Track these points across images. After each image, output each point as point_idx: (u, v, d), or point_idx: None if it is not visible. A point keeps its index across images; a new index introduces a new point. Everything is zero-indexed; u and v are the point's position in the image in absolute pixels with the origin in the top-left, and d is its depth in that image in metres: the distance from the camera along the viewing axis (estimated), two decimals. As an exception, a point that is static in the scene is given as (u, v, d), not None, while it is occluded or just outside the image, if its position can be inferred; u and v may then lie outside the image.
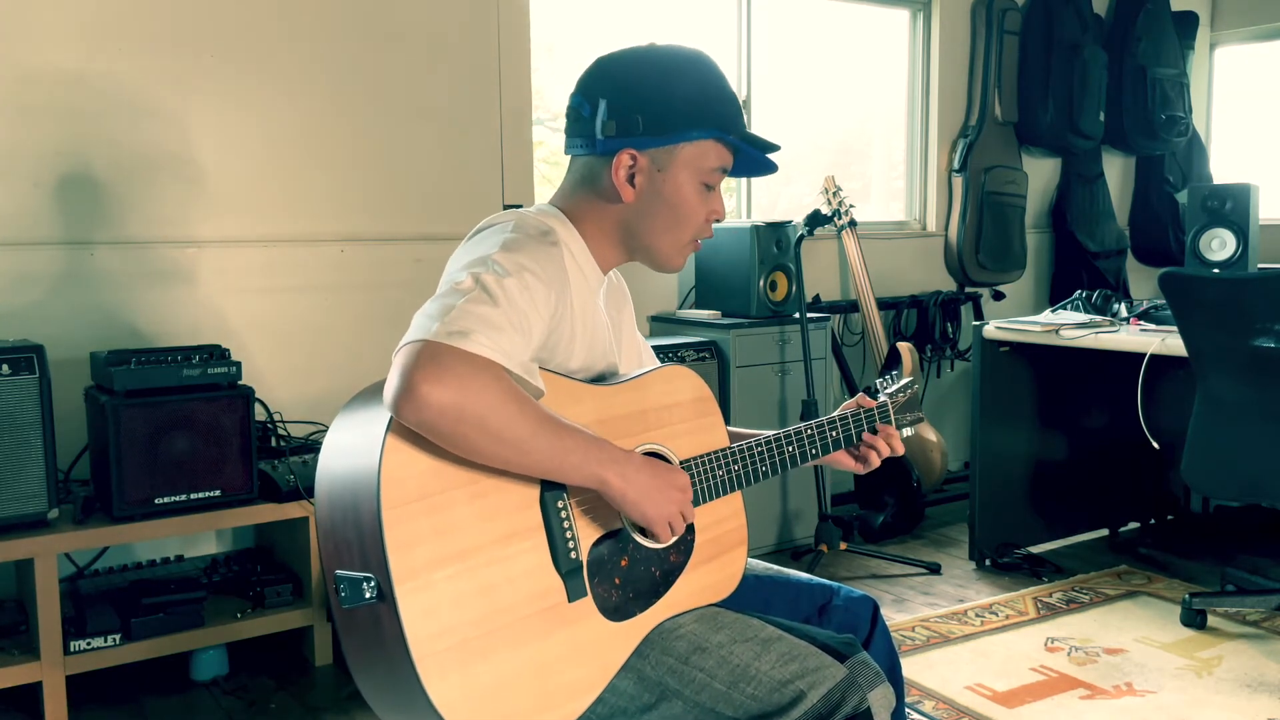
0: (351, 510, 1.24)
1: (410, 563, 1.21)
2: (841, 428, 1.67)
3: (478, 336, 1.23)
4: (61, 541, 2.60)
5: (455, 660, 1.23)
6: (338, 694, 2.79)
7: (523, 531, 1.32)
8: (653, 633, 1.44)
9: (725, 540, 1.56)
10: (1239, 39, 5.77)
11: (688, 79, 1.48)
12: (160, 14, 3.09)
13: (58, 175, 2.97)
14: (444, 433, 1.22)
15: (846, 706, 1.37)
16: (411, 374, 1.19)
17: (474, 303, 1.26)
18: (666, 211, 1.49)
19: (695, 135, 1.46)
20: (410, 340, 1.23)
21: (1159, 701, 2.67)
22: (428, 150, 3.55)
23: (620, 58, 1.50)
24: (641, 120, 1.44)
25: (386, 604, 1.20)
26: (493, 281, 1.28)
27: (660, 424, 1.50)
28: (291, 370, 3.32)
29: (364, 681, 1.31)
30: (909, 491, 4.09)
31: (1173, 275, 2.95)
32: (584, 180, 1.52)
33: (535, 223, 1.44)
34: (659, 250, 1.53)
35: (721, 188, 1.56)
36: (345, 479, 1.26)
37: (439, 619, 1.22)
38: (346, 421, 1.32)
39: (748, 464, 1.56)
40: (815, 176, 4.71)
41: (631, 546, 1.43)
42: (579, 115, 1.50)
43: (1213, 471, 3.02)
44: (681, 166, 1.47)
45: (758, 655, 1.40)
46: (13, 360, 2.53)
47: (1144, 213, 5.57)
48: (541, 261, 1.36)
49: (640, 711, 1.41)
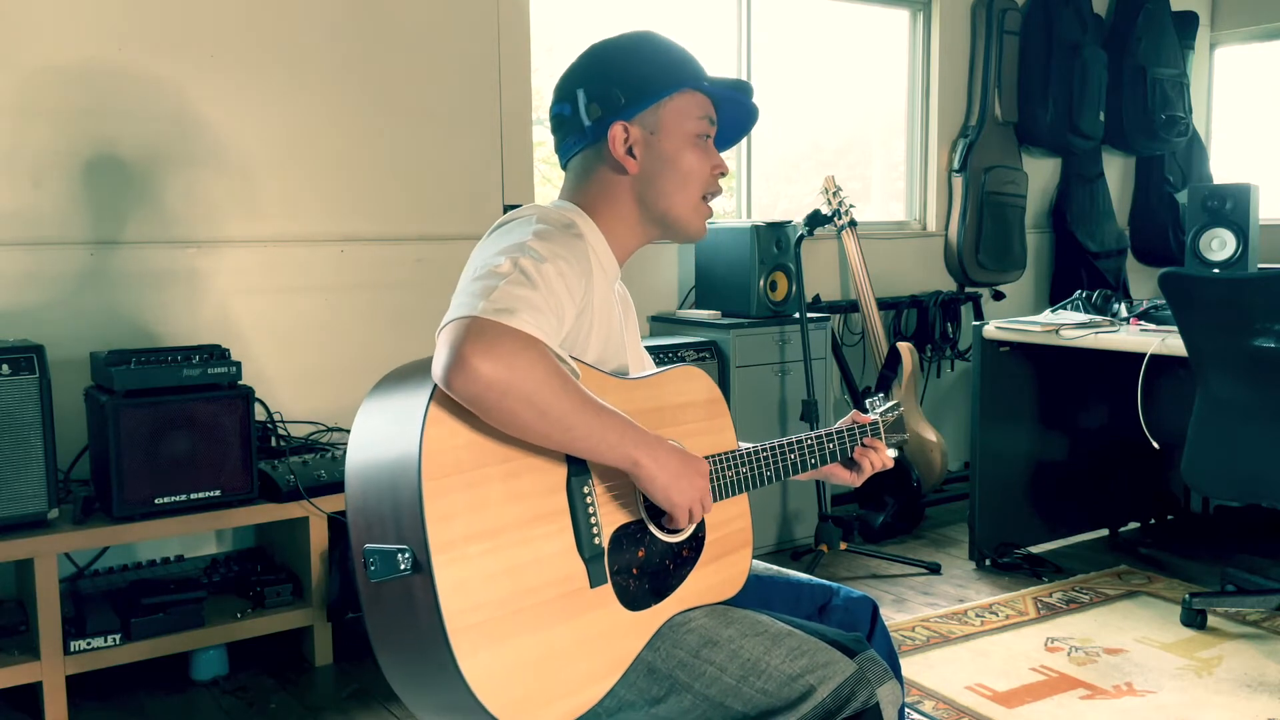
0: (388, 483, 1.25)
1: (448, 535, 1.22)
2: (838, 440, 1.71)
3: (523, 315, 1.25)
4: (61, 541, 2.60)
5: (485, 636, 1.24)
6: (338, 694, 2.79)
7: (549, 515, 1.33)
8: (664, 626, 1.45)
9: (731, 541, 1.58)
10: (1239, 39, 5.77)
11: (648, 48, 1.57)
12: (161, 15, 3.09)
13: (58, 175, 2.97)
14: (490, 406, 1.23)
15: (855, 702, 1.38)
16: (462, 347, 1.21)
17: (514, 284, 1.28)
18: (671, 172, 1.54)
19: (673, 88, 1.53)
20: (457, 316, 1.25)
21: (1159, 701, 2.67)
22: (428, 150, 3.55)
23: (580, 58, 1.59)
24: (620, 93, 1.51)
25: (422, 575, 1.21)
26: (530, 266, 1.31)
27: (674, 422, 1.52)
28: (291, 370, 3.32)
29: (389, 658, 1.31)
30: (909, 491, 4.09)
31: (1173, 275, 2.95)
32: (585, 172, 1.56)
33: (558, 216, 1.48)
34: (676, 213, 1.57)
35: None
36: (382, 453, 1.27)
37: (471, 594, 1.23)
38: (378, 401, 1.34)
39: (755, 467, 1.58)
40: (815, 176, 4.71)
41: (648, 538, 1.45)
42: (563, 119, 1.57)
43: (1213, 471, 3.02)
44: (671, 124, 1.53)
45: (768, 650, 1.41)
46: (13, 360, 2.53)
47: (1144, 213, 5.57)
48: (571, 251, 1.40)
49: (649, 704, 1.41)
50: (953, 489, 4.46)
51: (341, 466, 2.92)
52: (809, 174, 4.78)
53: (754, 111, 1.63)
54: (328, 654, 2.96)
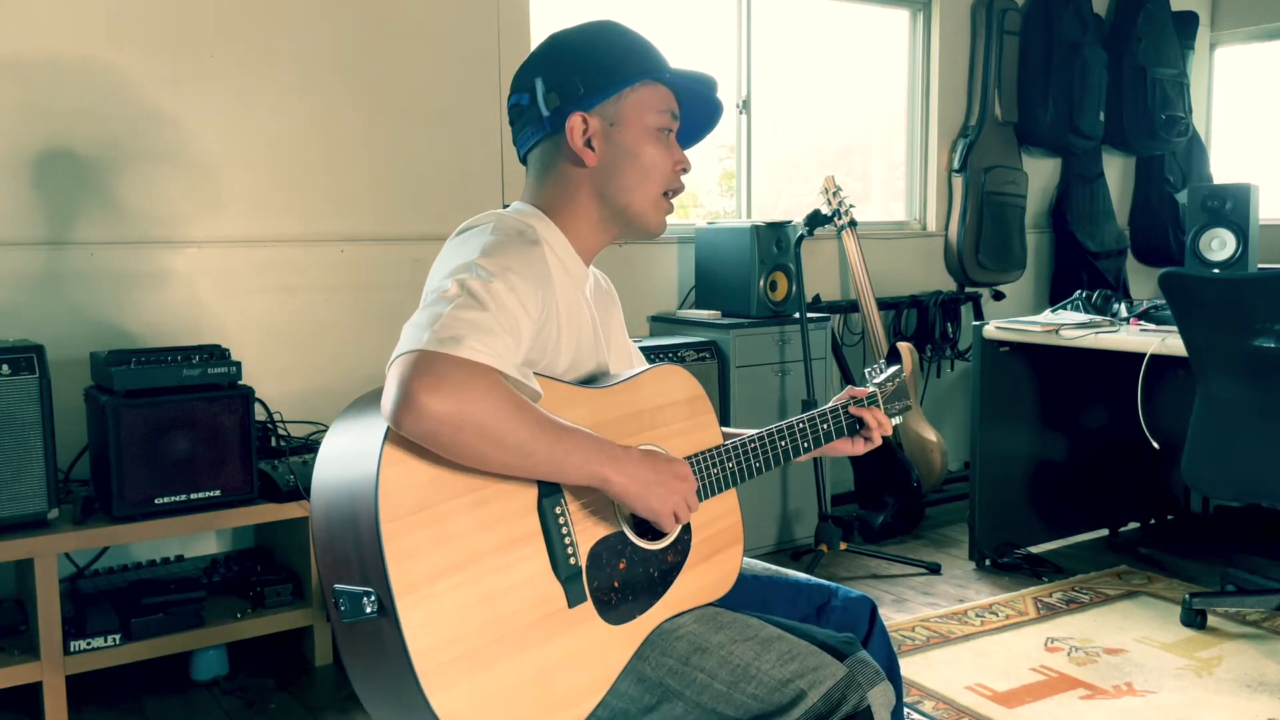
0: (350, 524, 1.22)
1: (411, 576, 1.20)
2: (834, 419, 1.68)
3: (470, 342, 1.22)
4: (61, 541, 2.59)
5: (458, 671, 1.22)
6: (338, 694, 2.79)
7: (522, 538, 1.31)
8: (653, 634, 1.44)
9: (721, 539, 1.56)
10: (1239, 39, 5.77)
11: (610, 37, 1.52)
12: (161, 14, 3.09)
13: (58, 175, 2.97)
14: (445, 442, 1.21)
15: (847, 705, 1.37)
16: (409, 384, 1.18)
17: (462, 309, 1.25)
18: (631, 165, 1.49)
19: (634, 79, 1.48)
20: (403, 351, 1.22)
21: (1159, 701, 2.67)
22: (428, 150, 3.55)
23: (540, 47, 1.54)
24: (580, 82, 1.47)
25: (388, 618, 1.19)
26: (479, 286, 1.28)
27: (655, 424, 1.50)
28: (291, 370, 3.32)
29: (366, 695, 1.30)
30: (909, 491, 4.09)
31: (1173, 275, 2.95)
32: (544, 167, 1.53)
33: (513, 223, 1.44)
34: (635, 209, 1.52)
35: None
36: (343, 492, 1.24)
37: (441, 631, 1.21)
38: (342, 432, 1.31)
39: (742, 461, 1.56)
40: (815, 176, 4.71)
41: (629, 549, 1.43)
42: (520, 109, 1.53)
43: (1213, 471, 3.02)
44: (631, 116, 1.49)
45: (758, 655, 1.40)
46: (13, 360, 2.53)
47: (1144, 213, 5.57)
48: (525, 261, 1.36)
49: (641, 713, 1.40)
50: (953, 489, 4.45)
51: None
52: (809, 174, 4.78)
53: (718, 107, 1.59)
54: (328, 654, 2.96)
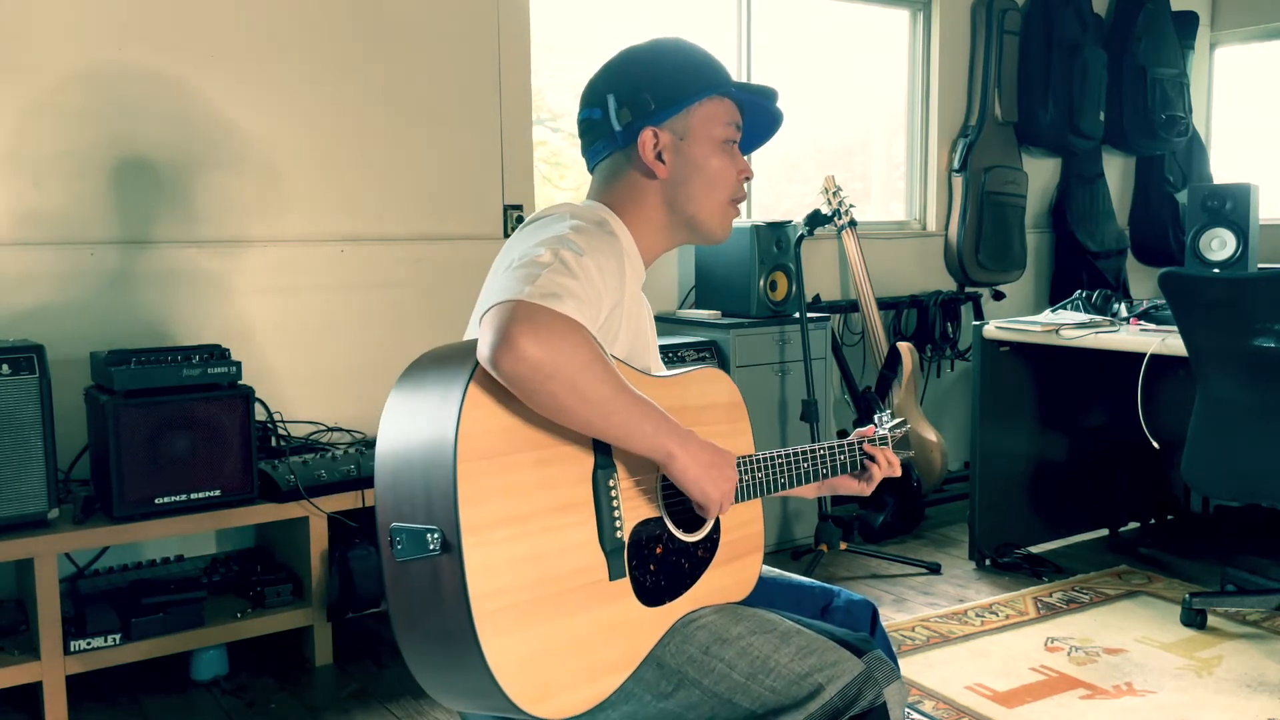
0: (421, 462, 1.26)
1: (478, 518, 1.23)
2: (849, 452, 1.74)
3: (568, 301, 1.27)
4: (61, 541, 2.60)
5: (508, 621, 1.24)
6: (338, 694, 2.79)
7: (575, 505, 1.34)
8: (675, 623, 1.46)
9: (744, 544, 1.59)
10: (1239, 39, 5.77)
11: (677, 54, 1.59)
12: (162, 16, 3.09)
13: (58, 176, 2.97)
14: (534, 388, 1.24)
15: (863, 701, 1.38)
16: (510, 328, 1.21)
17: (556, 273, 1.30)
18: (699, 177, 1.56)
19: (702, 94, 1.55)
20: (502, 299, 1.26)
21: (1159, 701, 2.67)
22: (428, 150, 3.55)
23: (610, 64, 1.61)
24: (651, 98, 1.54)
25: (450, 556, 1.21)
26: (571, 258, 1.33)
27: (697, 423, 1.52)
28: (291, 370, 3.32)
29: (410, 639, 1.31)
30: (909, 491, 4.09)
31: (1173, 275, 2.95)
32: (614, 175, 1.58)
33: (592, 214, 1.50)
34: (703, 217, 1.59)
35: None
36: (417, 432, 1.28)
37: (497, 578, 1.24)
38: (414, 381, 1.34)
39: (770, 472, 1.60)
40: (815, 176, 4.71)
41: (666, 536, 1.46)
42: (592, 123, 1.58)
43: (1213, 471, 3.02)
44: (700, 130, 1.56)
45: (777, 648, 1.42)
46: (13, 360, 2.53)
47: (1144, 213, 5.57)
48: (607, 248, 1.42)
49: (656, 699, 1.42)
50: (953, 489, 4.46)
51: (342, 466, 2.93)
52: (809, 174, 4.78)
53: (778, 116, 1.66)
54: (328, 654, 2.96)
